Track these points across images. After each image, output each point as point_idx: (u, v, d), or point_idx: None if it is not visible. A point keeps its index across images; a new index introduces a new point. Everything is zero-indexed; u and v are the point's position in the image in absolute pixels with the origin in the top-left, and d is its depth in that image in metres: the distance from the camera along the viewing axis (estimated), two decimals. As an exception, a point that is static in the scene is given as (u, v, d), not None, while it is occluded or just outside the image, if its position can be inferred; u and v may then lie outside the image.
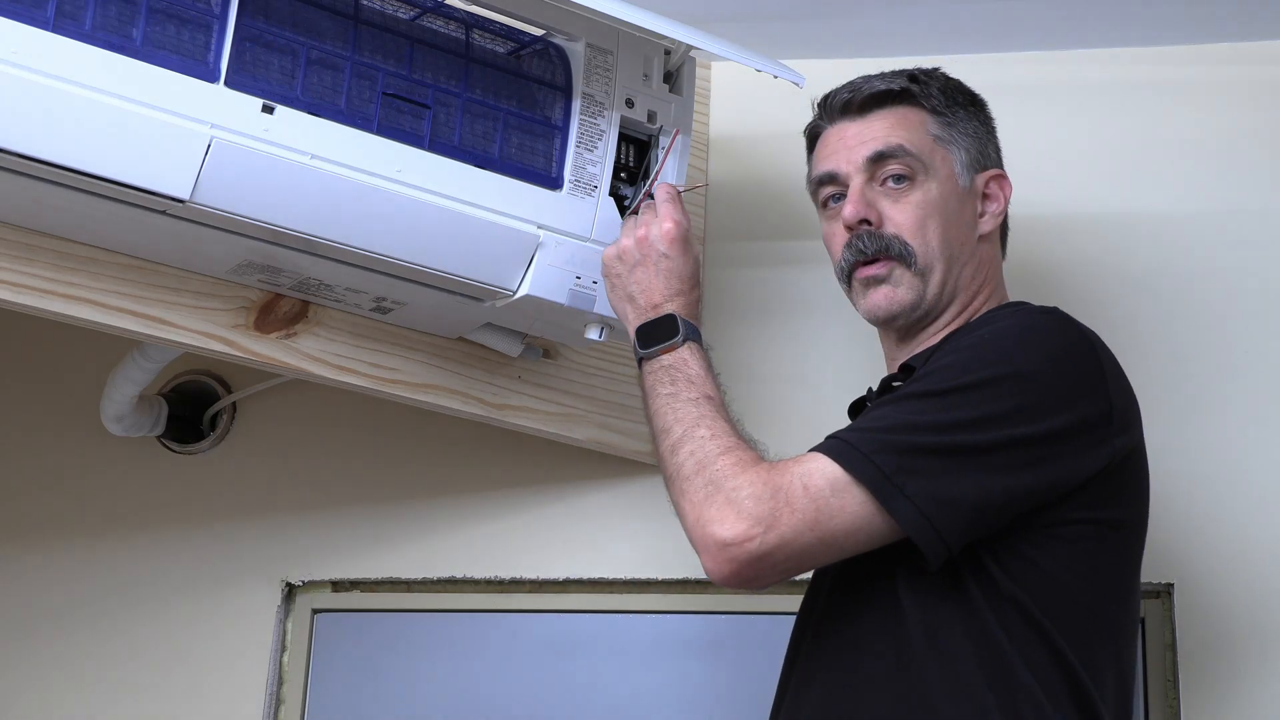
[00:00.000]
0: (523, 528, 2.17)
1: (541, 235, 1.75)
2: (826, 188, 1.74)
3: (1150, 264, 2.07)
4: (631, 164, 1.81)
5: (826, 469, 1.46)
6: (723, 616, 2.09)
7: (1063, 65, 2.16)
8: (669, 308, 1.65)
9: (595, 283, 1.78)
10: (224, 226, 1.65)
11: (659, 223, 1.69)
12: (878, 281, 1.68)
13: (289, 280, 1.78)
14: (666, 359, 1.62)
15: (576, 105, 1.76)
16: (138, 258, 1.73)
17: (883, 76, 1.74)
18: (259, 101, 1.60)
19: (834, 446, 1.48)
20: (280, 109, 1.61)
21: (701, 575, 1.52)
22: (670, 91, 1.82)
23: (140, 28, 1.55)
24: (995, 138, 1.77)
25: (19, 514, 2.33)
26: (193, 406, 2.30)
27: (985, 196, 1.72)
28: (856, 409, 1.75)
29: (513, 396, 1.98)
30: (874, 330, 1.76)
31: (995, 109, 1.78)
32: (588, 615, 2.13)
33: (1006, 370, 1.50)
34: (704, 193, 2.16)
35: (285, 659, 2.20)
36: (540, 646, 2.14)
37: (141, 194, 1.58)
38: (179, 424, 2.28)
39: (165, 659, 2.23)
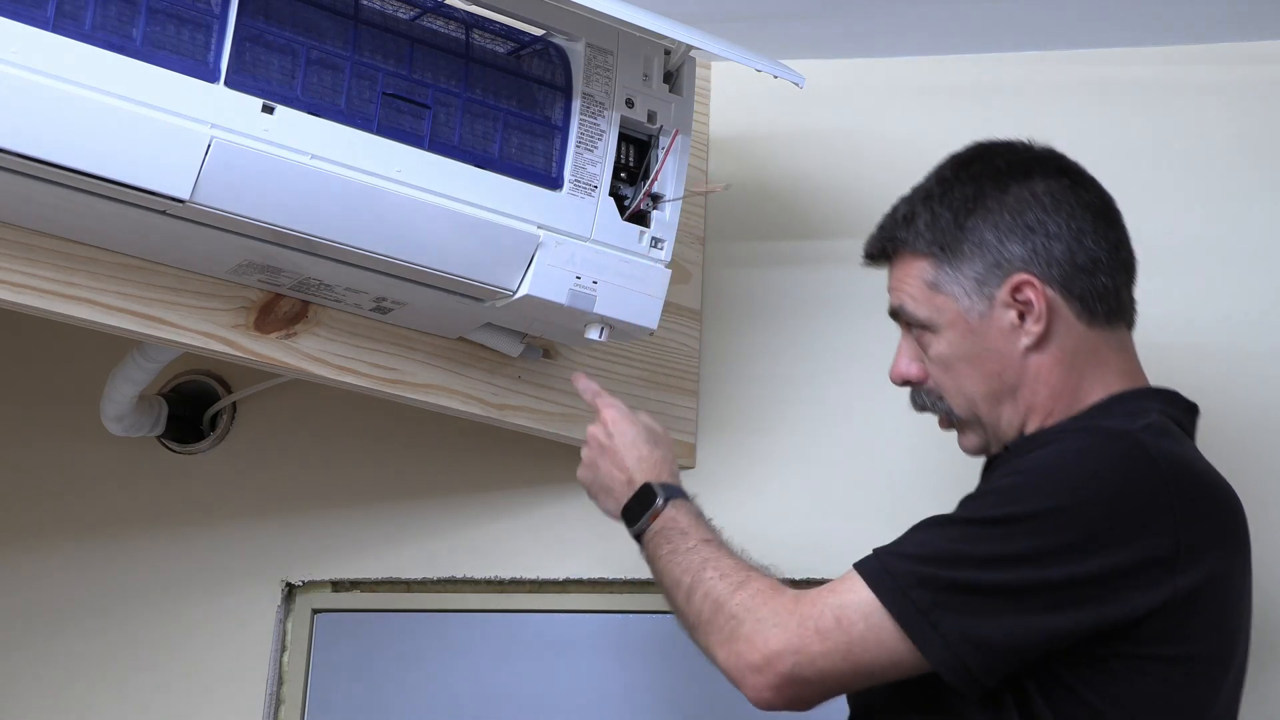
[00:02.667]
0: (523, 528, 2.17)
1: (541, 235, 1.75)
2: None
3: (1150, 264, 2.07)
4: (631, 164, 1.81)
5: (863, 600, 1.45)
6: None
7: (1063, 65, 2.16)
8: (638, 479, 1.68)
9: (595, 283, 1.77)
10: (224, 226, 1.65)
11: (600, 414, 1.74)
12: (953, 427, 1.67)
13: (289, 280, 1.78)
14: (656, 525, 1.64)
15: (576, 105, 1.76)
16: (138, 258, 1.73)
17: (878, 228, 1.67)
18: (259, 101, 1.60)
19: (874, 572, 1.46)
20: (280, 109, 1.61)
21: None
22: (670, 91, 1.82)
23: (140, 28, 1.55)
24: (1025, 222, 1.58)
25: (19, 514, 2.33)
26: (193, 406, 2.30)
27: (1019, 303, 1.58)
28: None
29: (513, 396, 1.98)
30: (873, 332, 1.76)
31: (995, 109, 1.77)
32: (588, 615, 2.13)
33: (1058, 503, 1.44)
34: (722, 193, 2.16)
35: (285, 659, 2.20)
36: (540, 646, 2.14)
37: (141, 194, 1.58)
38: (179, 424, 2.28)
39: (165, 659, 2.23)
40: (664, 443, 1.73)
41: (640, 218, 1.81)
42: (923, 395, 1.66)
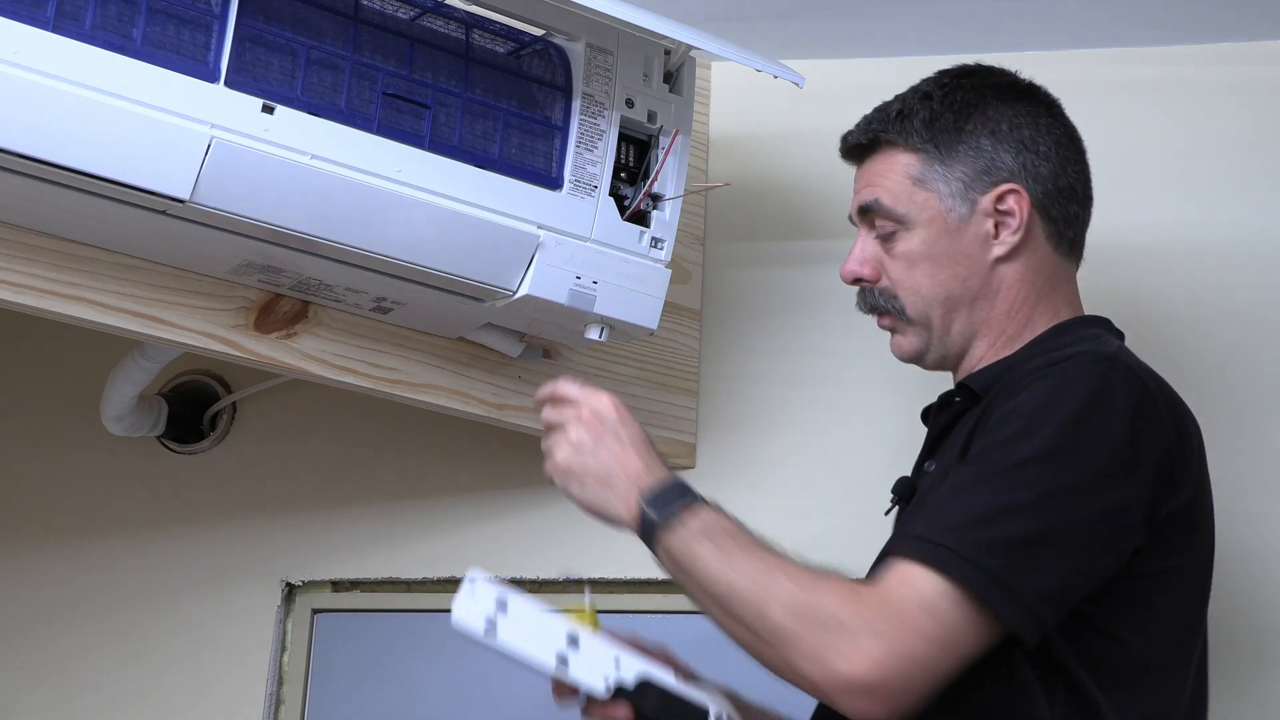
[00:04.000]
0: (523, 528, 2.17)
1: (541, 235, 1.75)
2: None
3: (1150, 263, 2.07)
4: (631, 164, 1.81)
5: (942, 588, 1.37)
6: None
7: (1063, 65, 2.16)
8: (652, 475, 1.51)
9: (595, 283, 1.77)
10: (224, 226, 1.65)
11: (594, 399, 1.55)
12: (889, 330, 1.68)
13: (289, 280, 1.78)
14: (693, 523, 1.47)
15: (576, 105, 1.76)
16: (138, 258, 1.73)
17: (871, 116, 1.69)
18: (259, 101, 1.60)
19: (936, 554, 1.39)
20: (280, 109, 1.61)
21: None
22: (670, 91, 1.82)
23: (140, 28, 1.55)
24: (1018, 138, 1.64)
25: (19, 514, 2.33)
26: (193, 406, 2.30)
27: (1000, 213, 1.62)
28: (926, 416, 1.72)
29: (513, 396, 1.98)
30: (873, 332, 1.76)
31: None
32: (588, 615, 2.13)
33: (1083, 433, 1.44)
34: (718, 190, 2.16)
35: (285, 659, 2.20)
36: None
37: (142, 194, 1.58)
38: (179, 424, 2.28)
39: (165, 659, 2.23)
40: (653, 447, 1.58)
41: (640, 218, 1.81)
42: (875, 295, 1.67)
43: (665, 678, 1.54)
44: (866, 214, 1.67)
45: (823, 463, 2.11)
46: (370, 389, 1.89)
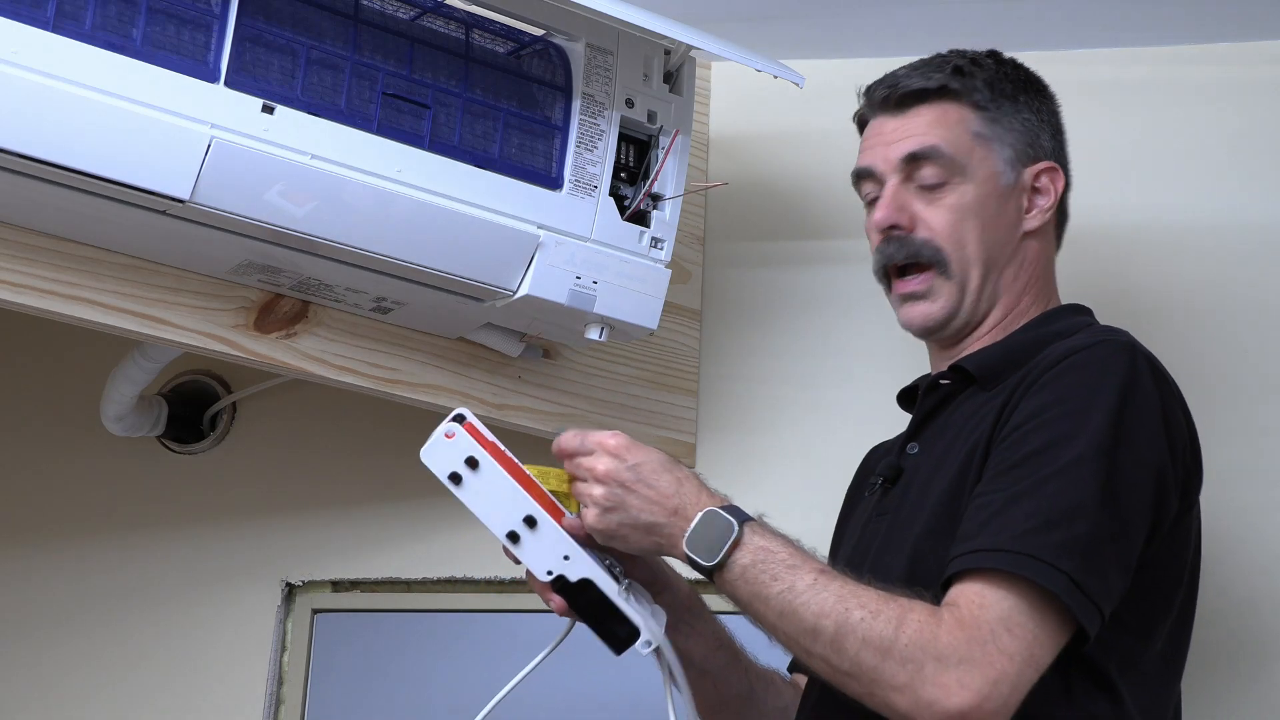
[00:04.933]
0: (523, 528, 2.17)
1: (541, 235, 1.75)
2: (865, 184, 1.70)
3: (1149, 262, 2.07)
4: (631, 164, 1.81)
5: (1019, 599, 1.36)
6: (722, 617, 2.09)
7: (1063, 65, 2.16)
8: (690, 507, 1.45)
9: (595, 283, 1.77)
10: (224, 226, 1.65)
11: (599, 450, 1.49)
12: (915, 298, 1.64)
13: (289, 280, 1.78)
14: (744, 558, 1.42)
15: (576, 105, 1.76)
16: (138, 258, 1.73)
17: (925, 67, 1.68)
18: (259, 101, 1.60)
19: (1015, 562, 1.37)
20: (280, 109, 1.61)
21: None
22: (670, 91, 1.82)
23: (140, 28, 1.55)
24: (1053, 124, 1.70)
25: (19, 514, 2.33)
26: (193, 406, 2.29)
27: (1035, 189, 1.66)
28: (904, 398, 1.72)
29: (513, 396, 1.98)
30: (873, 332, 1.76)
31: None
32: (588, 615, 2.13)
33: (1126, 424, 1.43)
34: (718, 190, 2.16)
35: (285, 659, 2.20)
36: (540, 647, 2.14)
37: (141, 194, 1.58)
38: (179, 424, 2.28)
39: (165, 659, 2.23)
40: (674, 460, 1.52)
41: (640, 218, 1.81)
42: (915, 244, 1.63)
43: (609, 586, 1.50)
44: (915, 161, 1.64)
45: (823, 462, 2.10)
46: (370, 389, 1.89)
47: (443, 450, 1.51)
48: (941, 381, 1.62)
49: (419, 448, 2.22)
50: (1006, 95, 1.67)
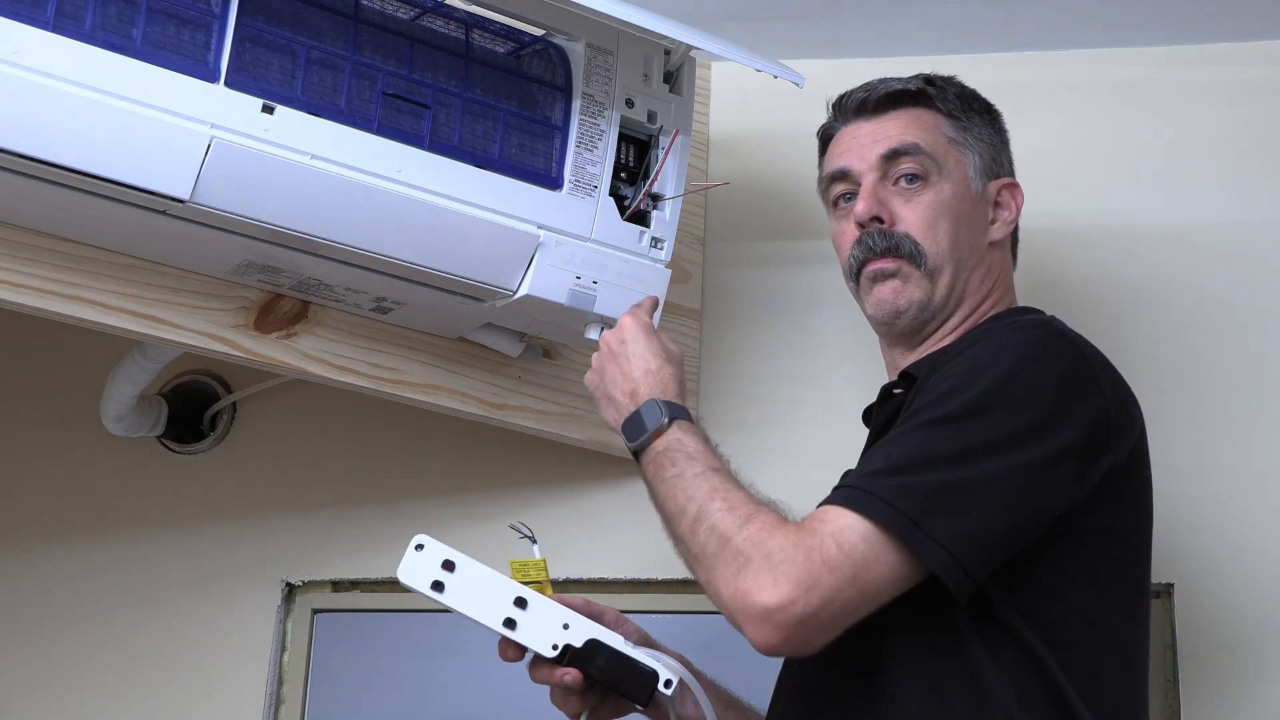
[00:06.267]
0: (523, 528, 2.17)
1: (541, 235, 1.75)
2: (838, 185, 1.74)
3: (1149, 262, 2.07)
4: (631, 164, 1.81)
5: (856, 523, 1.41)
6: (723, 616, 2.09)
7: (1063, 65, 2.16)
8: (643, 393, 1.61)
9: (595, 283, 1.78)
10: (224, 226, 1.65)
11: (619, 322, 1.69)
12: (886, 276, 1.67)
13: (289, 280, 1.78)
14: (659, 444, 1.56)
15: (576, 105, 1.76)
16: (138, 258, 1.73)
17: (898, 79, 1.74)
18: (259, 101, 1.60)
19: (856, 498, 1.43)
20: (280, 109, 1.61)
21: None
22: (670, 91, 1.82)
23: (140, 28, 1.55)
24: (1008, 149, 1.78)
25: (19, 514, 2.33)
26: (193, 406, 2.30)
27: (997, 204, 1.72)
28: (868, 417, 1.73)
29: (513, 396, 1.98)
30: (872, 332, 1.75)
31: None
32: (588, 615, 2.13)
33: (1011, 388, 1.47)
34: (718, 190, 2.16)
35: (285, 659, 2.20)
36: (540, 646, 2.14)
37: (141, 194, 1.58)
38: (179, 424, 2.28)
39: (165, 659, 2.23)
40: (676, 361, 1.65)
41: (640, 218, 1.81)
42: (893, 236, 1.67)
43: (614, 640, 1.54)
44: (895, 158, 1.68)
45: (822, 462, 2.10)
46: (370, 389, 1.89)
47: (418, 564, 1.56)
48: (895, 391, 1.63)
49: (419, 447, 2.24)
50: (974, 109, 1.75)
